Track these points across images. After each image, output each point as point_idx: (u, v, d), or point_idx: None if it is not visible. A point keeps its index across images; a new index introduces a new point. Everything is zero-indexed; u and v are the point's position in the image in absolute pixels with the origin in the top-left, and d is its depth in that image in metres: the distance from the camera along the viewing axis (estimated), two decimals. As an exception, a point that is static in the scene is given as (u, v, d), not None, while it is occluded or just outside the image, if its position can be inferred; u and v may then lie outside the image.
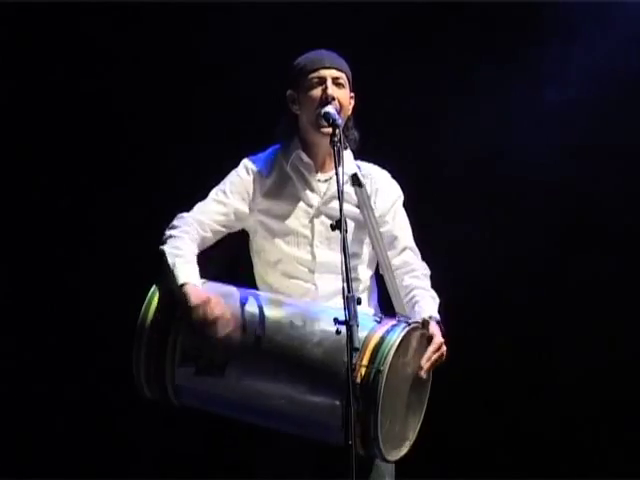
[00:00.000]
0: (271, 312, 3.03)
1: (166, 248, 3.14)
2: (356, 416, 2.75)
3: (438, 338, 3.04)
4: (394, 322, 2.99)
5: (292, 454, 3.12)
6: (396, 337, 2.89)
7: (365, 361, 2.85)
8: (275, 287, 3.25)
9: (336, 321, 2.75)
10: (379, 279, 3.35)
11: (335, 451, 2.84)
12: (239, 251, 3.44)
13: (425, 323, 3.06)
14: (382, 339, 2.88)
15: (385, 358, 2.84)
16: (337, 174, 2.98)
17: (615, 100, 4.51)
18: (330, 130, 3.13)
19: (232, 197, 3.28)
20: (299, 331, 2.96)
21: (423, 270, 3.31)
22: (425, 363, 3.00)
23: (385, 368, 2.82)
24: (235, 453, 4.21)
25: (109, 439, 4.76)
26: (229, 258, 3.58)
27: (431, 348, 3.02)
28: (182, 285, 3.04)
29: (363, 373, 2.84)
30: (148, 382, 3.05)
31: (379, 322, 2.97)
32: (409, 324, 2.99)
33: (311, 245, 3.26)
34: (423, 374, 3.00)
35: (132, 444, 4.77)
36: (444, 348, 3.05)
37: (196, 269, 3.13)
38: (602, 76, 4.46)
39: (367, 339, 2.89)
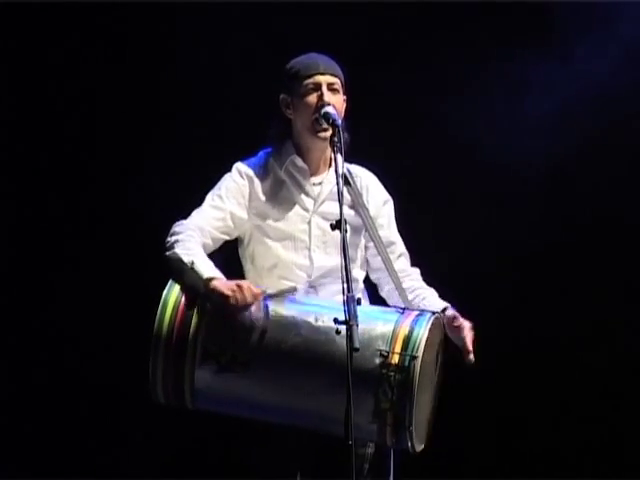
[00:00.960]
0: (294, 307, 3.02)
1: (178, 250, 3.10)
2: (389, 405, 2.81)
3: (467, 322, 3.12)
4: (417, 312, 3.04)
5: (290, 454, 3.12)
6: (425, 325, 2.94)
7: (398, 349, 2.88)
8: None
9: (336, 321, 2.77)
10: (368, 282, 3.39)
11: (334, 451, 2.88)
12: (225, 256, 3.42)
13: (446, 310, 3.14)
14: (412, 328, 2.93)
15: (418, 345, 2.88)
16: (337, 175, 3.01)
17: (613, 100, 4.58)
18: (327, 134, 3.15)
19: (229, 202, 3.25)
20: (325, 325, 2.95)
21: (417, 274, 3.39)
22: (469, 345, 3.07)
23: (419, 354, 2.86)
24: (233, 453, 4.20)
25: (109, 439, 4.75)
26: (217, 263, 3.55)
27: (467, 327, 3.10)
28: (209, 279, 3.02)
29: (397, 360, 2.87)
30: (165, 386, 3.01)
31: (402, 313, 3.02)
32: (433, 313, 3.04)
33: (308, 249, 3.25)
34: (472, 357, 3.06)
35: (132, 444, 4.76)
36: (473, 332, 3.11)
37: (213, 264, 3.11)
38: (601, 76, 4.51)
39: (396, 329, 2.93)
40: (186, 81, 4.62)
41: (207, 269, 3.06)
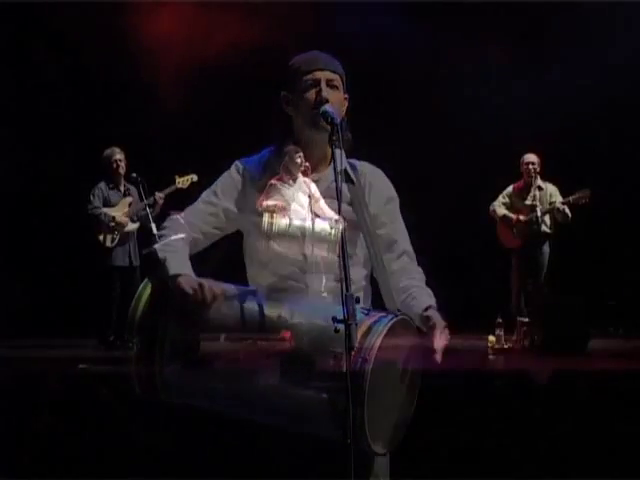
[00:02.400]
0: (258, 306, 3.02)
1: (157, 246, 3.16)
2: (342, 406, 2.73)
3: (441, 322, 3.03)
4: (382, 314, 2.96)
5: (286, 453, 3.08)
6: (383, 327, 2.86)
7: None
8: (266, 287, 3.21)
9: (334, 320, 2.74)
10: (373, 281, 3.32)
11: (330, 449, 2.83)
12: (230, 253, 3.42)
13: (427, 309, 3.07)
14: (369, 328, 2.85)
15: (372, 346, 2.80)
16: (335, 173, 2.99)
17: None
18: (327, 126, 3.11)
19: (222, 198, 3.28)
20: (287, 322, 2.94)
21: (419, 274, 3.32)
22: (438, 346, 2.96)
23: (371, 356, 2.78)
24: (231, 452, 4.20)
25: (108, 439, 4.75)
26: (219, 260, 3.57)
27: (437, 331, 3.00)
28: (174, 276, 3.05)
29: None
30: (139, 380, 3.03)
31: (366, 314, 2.94)
32: (397, 315, 2.96)
33: (302, 245, 3.23)
34: (439, 358, 2.96)
35: (130, 443, 4.76)
36: (447, 332, 3.03)
37: (187, 262, 3.15)
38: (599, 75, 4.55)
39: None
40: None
41: (176, 266, 3.10)
